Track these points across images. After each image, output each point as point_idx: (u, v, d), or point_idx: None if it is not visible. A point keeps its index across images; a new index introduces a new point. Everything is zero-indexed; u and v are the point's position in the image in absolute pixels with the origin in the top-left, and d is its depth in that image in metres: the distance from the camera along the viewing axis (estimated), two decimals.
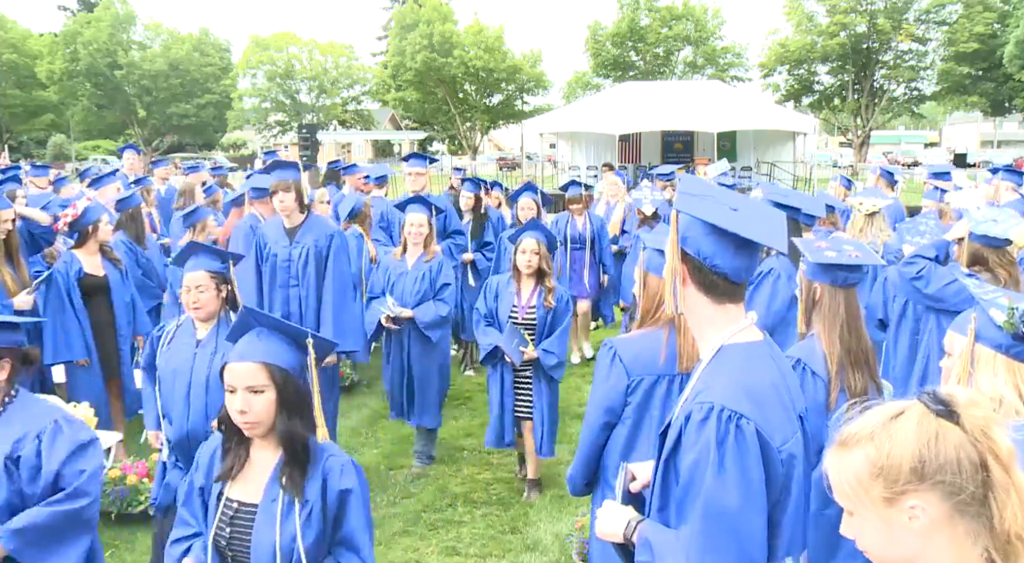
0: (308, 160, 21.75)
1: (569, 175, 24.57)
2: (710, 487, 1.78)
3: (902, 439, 1.28)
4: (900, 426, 1.29)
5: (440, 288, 5.80)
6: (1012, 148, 60.03)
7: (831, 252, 3.04)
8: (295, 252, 5.48)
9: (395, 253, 5.98)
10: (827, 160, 44.01)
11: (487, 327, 5.34)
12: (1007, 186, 7.43)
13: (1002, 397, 2.14)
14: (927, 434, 1.27)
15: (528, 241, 5.24)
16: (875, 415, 1.33)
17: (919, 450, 1.26)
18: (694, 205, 1.93)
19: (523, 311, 5.27)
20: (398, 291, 5.79)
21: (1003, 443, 1.27)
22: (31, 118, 52.92)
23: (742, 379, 1.88)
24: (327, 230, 5.61)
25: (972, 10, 38.74)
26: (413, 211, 5.86)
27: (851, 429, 1.34)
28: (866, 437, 1.31)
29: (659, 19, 44.81)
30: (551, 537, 4.94)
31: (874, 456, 1.29)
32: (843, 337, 3.00)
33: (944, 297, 4.22)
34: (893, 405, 1.34)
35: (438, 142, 58.25)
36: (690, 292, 1.96)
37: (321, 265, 5.47)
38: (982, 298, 2.21)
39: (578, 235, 8.47)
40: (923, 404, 1.30)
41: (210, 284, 3.76)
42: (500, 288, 5.37)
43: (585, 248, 8.48)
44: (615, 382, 3.06)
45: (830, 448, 1.37)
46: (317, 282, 5.47)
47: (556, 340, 5.25)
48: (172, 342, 3.88)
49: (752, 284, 4.56)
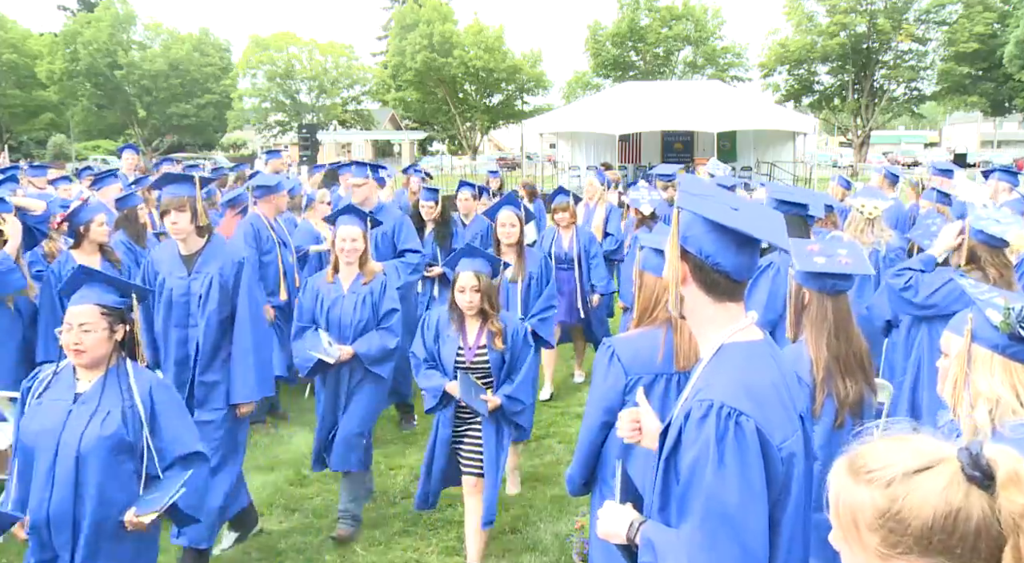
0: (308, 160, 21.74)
1: (569, 175, 24.58)
2: (710, 484, 1.78)
3: (921, 501, 1.13)
4: (924, 484, 1.14)
5: (385, 315, 4.92)
6: (1012, 148, 60.00)
7: (820, 258, 2.99)
8: (195, 284, 4.52)
9: (326, 274, 5.03)
10: (827, 160, 44.00)
11: (430, 370, 4.43)
12: (1004, 187, 7.45)
13: (999, 397, 2.14)
14: (951, 505, 1.11)
15: (465, 276, 4.28)
16: (902, 456, 1.17)
17: (935, 520, 1.12)
18: (696, 203, 1.94)
19: (471, 353, 4.35)
20: (333, 321, 4.90)
21: None
22: (31, 118, 52.95)
23: (742, 378, 1.88)
24: (234, 256, 4.64)
25: (972, 10, 38.77)
26: (344, 224, 4.95)
27: (871, 461, 1.19)
28: (882, 482, 1.16)
29: (659, 19, 44.84)
30: (551, 537, 4.94)
31: (883, 508, 1.15)
32: (831, 344, 2.98)
33: (934, 303, 4.24)
34: (926, 450, 1.17)
35: (438, 142, 58.26)
36: (691, 291, 1.96)
37: (227, 299, 4.53)
38: (978, 298, 2.21)
39: (564, 254, 7.41)
40: (960, 464, 1.14)
41: (99, 322, 3.04)
42: (440, 327, 4.42)
43: (573, 268, 7.43)
44: (613, 381, 3.07)
45: (842, 464, 1.24)
46: (221, 320, 4.52)
47: (520, 384, 4.39)
48: (44, 394, 3.10)
49: (751, 279, 4.55)
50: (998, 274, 4.04)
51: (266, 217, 6.65)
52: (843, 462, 1.24)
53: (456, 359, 4.34)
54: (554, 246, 7.44)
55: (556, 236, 7.51)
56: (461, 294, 4.26)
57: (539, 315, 5.71)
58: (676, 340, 3.03)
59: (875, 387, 3.06)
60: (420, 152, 58.42)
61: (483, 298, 4.27)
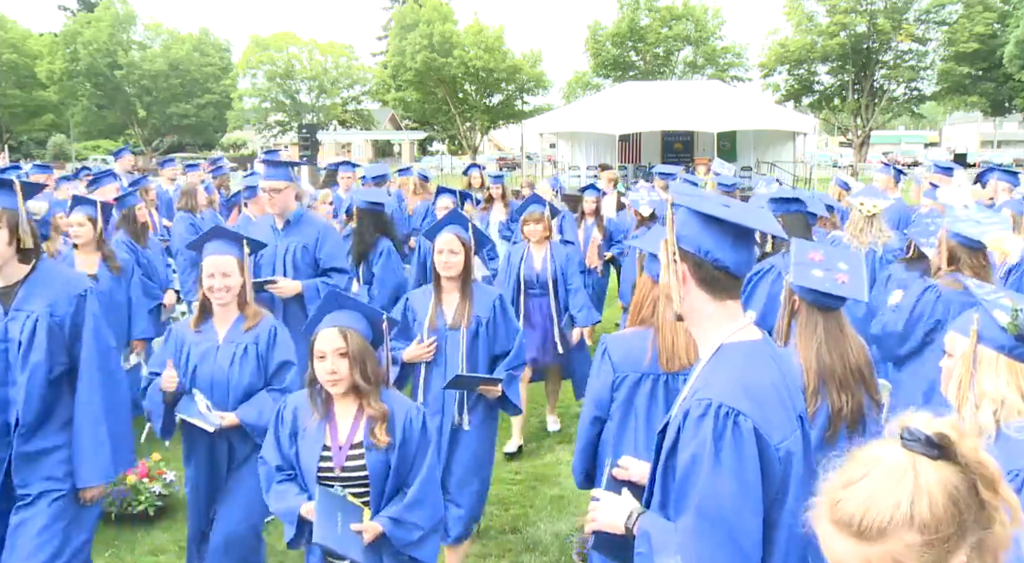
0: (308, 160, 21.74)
1: (569, 175, 24.55)
2: (705, 482, 1.79)
3: (930, 503, 1.18)
4: (921, 490, 1.19)
5: (276, 370, 3.75)
6: (1012, 148, 60.05)
7: (818, 271, 2.92)
8: (13, 327, 3.30)
9: (191, 320, 3.83)
10: (827, 160, 44.07)
11: (282, 484, 3.04)
12: (1003, 187, 7.46)
13: (1004, 398, 2.14)
14: (945, 483, 1.19)
15: (325, 336, 2.91)
16: (878, 485, 1.21)
17: (947, 504, 1.18)
18: (691, 200, 1.96)
19: (341, 456, 2.94)
20: (203, 380, 3.68)
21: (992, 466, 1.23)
22: (31, 118, 52.97)
23: (741, 377, 1.88)
24: (72, 287, 3.44)
25: (972, 10, 38.77)
26: (212, 254, 3.74)
27: (865, 513, 1.21)
28: (896, 523, 1.19)
29: (659, 19, 44.84)
30: (551, 537, 4.93)
31: (917, 540, 1.18)
32: (822, 358, 2.93)
33: (913, 328, 4.28)
34: (884, 463, 1.22)
35: (438, 142, 58.28)
36: (691, 290, 1.96)
37: (60, 347, 3.36)
38: (985, 299, 2.21)
39: (536, 276, 6.14)
40: (913, 452, 1.22)
41: None
42: (299, 417, 3.01)
43: (548, 293, 6.14)
44: (603, 377, 3.17)
45: (832, 529, 1.25)
46: (53, 377, 3.35)
47: (414, 501, 2.95)
48: None
49: (751, 282, 4.55)
50: (974, 275, 4.07)
51: (258, 217, 6.62)
52: (835, 525, 1.24)
53: (320, 466, 2.93)
54: (524, 266, 6.14)
55: (526, 254, 6.19)
56: (320, 362, 2.89)
57: (509, 375, 4.31)
58: (659, 340, 3.08)
59: (878, 399, 3.01)
60: (420, 152, 58.47)
61: (353, 367, 2.88)
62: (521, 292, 6.12)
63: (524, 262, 6.14)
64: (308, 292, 5.12)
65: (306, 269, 5.24)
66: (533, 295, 6.16)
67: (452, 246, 4.22)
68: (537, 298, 6.16)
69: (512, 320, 4.44)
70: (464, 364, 4.22)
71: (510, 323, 4.40)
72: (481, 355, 4.29)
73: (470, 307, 4.26)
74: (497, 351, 4.35)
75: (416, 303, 4.35)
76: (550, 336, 6.17)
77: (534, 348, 6.04)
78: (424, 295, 4.36)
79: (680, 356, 3.09)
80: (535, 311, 6.17)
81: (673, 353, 3.09)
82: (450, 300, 4.29)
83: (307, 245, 5.24)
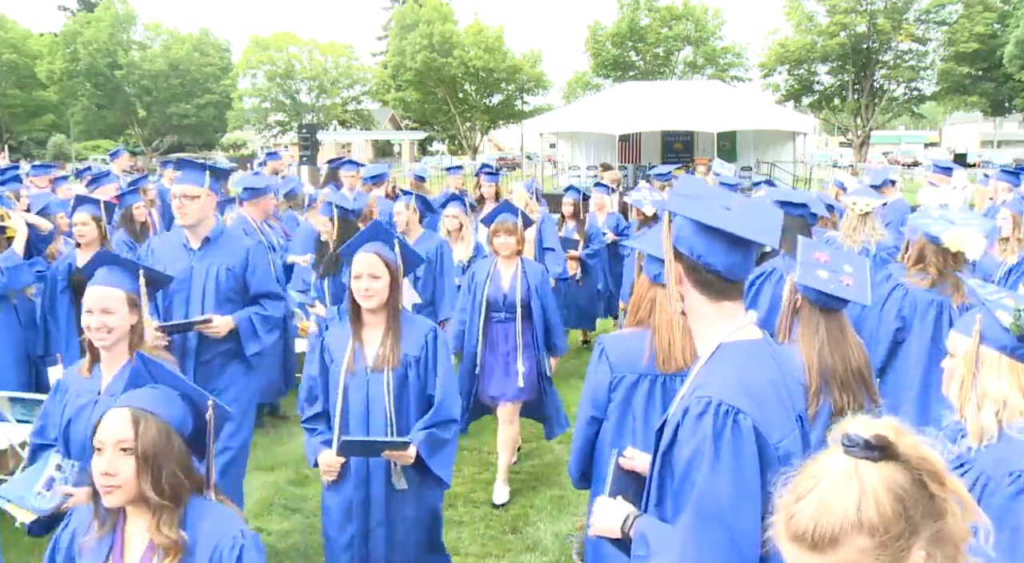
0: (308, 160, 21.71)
1: (569, 175, 24.53)
2: (704, 480, 1.79)
3: (876, 502, 1.21)
4: (866, 494, 1.21)
5: None
6: (1012, 148, 60.05)
7: (823, 272, 2.95)
8: None
9: (80, 367, 3.21)
10: (827, 160, 44.00)
11: None
12: (1004, 187, 7.47)
13: (1006, 398, 2.13)
14: (893, 484, 1.22)
15: (111, 421, 2.14)
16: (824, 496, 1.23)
17: (894, 504, 1.21)
18: (684, 205, 1.96)
19: None
20: (77, 439, 3.02)
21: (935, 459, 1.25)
22: (31, 118, 52.96)
23: (741, 376, 1.89)
24: None
25: (972, 10, 38.75)
26: (95, 283, 3.19)
27: (812, 525, 1.23)
28: (847, 528, 1.21)
29: (659, 19, 44.82)
30: (551, 537, 4.93)
31: (869, 543, 1.20)
32: (824, 359, 2.95)
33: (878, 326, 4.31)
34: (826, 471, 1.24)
35: (438, 142, 58.27)
36: (687, 291, 1.98)
37: None
38: (987, 299, 2.20)
39: (503, 297, 5.25)
40: (854, 457, 1.24)
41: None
42: (77, 536, 2.26)
43: (515, 317, 5.21)
44: (600, 378, 3.16)
45: (792, 546, 1.27)
46: None
47: None
48: None
49: (752, 285, 4.55)
50: (937, 273, 4.11)
51: (254, 220, 6.61)
52: (793, 542, 1.25)
53: None
54: (489, 285, 5.27)
55: (493, 271, 5.33)
56: (98, 455, 2.12)
57: (430, 434, 3.42)
58: (655, 341, 3.08)
59: (878, 401, 3.02)
60: (420, 152, 58.45)
61: (142, 471, 2.09)
62: (483, 315, 5.26)
63: (490, 280, 5.27)
64: (243, 328, 4.27)
65: (232, 298, 4.29)
66: (498, 320, 5.26)
67: (373, 269, 3.35)
68: (503, 324, 5.26)
69: (446, 361, 3.53)
70: (392, 413, 3.40)
71: (435, 361, 3.48)
72: (412, 402, 3.46)
73: (395, 347, 3.41)
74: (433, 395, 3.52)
75: (332, 342, 3.50)
76: (517, 365, 5.24)
77: (496, 384, 5.26)
78: (342, 332, 3.50)
79: (677, 357, 3.09)
80: (500, 339, 5.27)
81: (670, 354, 3.09)
82: (372, 336, 3.45)
83: (231, 267, 4.28)
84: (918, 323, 4.18)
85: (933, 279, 4.13)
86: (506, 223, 5.33)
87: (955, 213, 4.33)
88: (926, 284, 4.15)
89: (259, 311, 4.37)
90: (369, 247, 3.41)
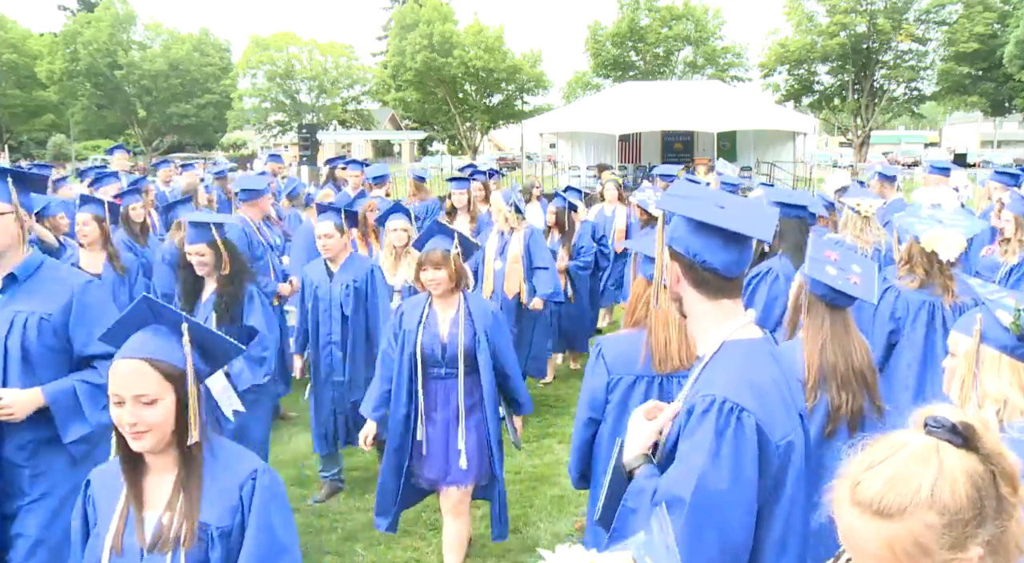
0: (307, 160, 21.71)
1: (569, 175, 24.52)
2: (702, 473, 1.80)
3: (952, 489, 1.21)
4: (943, 475, 1.22)
5: None
6: (1012, 148, 60.04)
7: (832, 269, 2.96)
8: None
9: None
10: (827, 160, 44.04)
11: None
12: (995, 186, 7.51)
13: (1006, 398, 2.14)
14: (970, 472, 1.23)
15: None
16: (904, 469, 1.24)
17: (969, 494, 1.21)
18: (678, 204, 1.98)
19: None
20: None
21: None
22: (31, 118, 52.95)
23: (744, 374, 1.90)
24: None
25: (972, 10, 38.75)
26: None
27: (887, 494, 1.23)
28: (917, 504, 1.21)
29: (659, 19, 44.80)
30: (551, 537, 4.93)
31: (938, 521, 1.21)
32: (826, 356, 2.95)
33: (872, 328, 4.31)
34: (910, 447, 1.25)
35: (438, 142, 58.25)
36: (685, 290, 1.99)
37: None
38: (988, 298, 2.20)
39: (440, 348, 4.07)
40: (936, 438, 1.25)
41: None
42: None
43: (456, 374, 4.07)
44: (597, 379, 3.18)
45: (855, 509, 1.27)
46: None
47: None
48: None
49: (750, 285, 4.56)
50: (924, 273, 4.13)
51: (253, 220, 6.62)
52: (856, 507, 1.26)
53: None
54: (422, 332, 4.06)
55: (429, 311, 4.13)
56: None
57: None
58: (652, 343, 3.09)
59: (880, 405, 3.01)
60: (420, 152, 58.45)
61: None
62: (421, 375, 4.07)
63: (422, 328, 4.08)
64: (57, 406, 2.99)
65: (47, 358, 3.02)
66: (436, 378, 4.11)
67: (142, 386, 2.08)
68: (442, 381, 4.11)
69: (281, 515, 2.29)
70: None
71: None
72: None
73: (193, 509, 2.23)
74: None
75: (99, 492, 2.31)
76: (458, 438, 4.07)
77: (434, 463, 4.14)
78: (112, 479, 2.28)
79: (673, 358, 3.10)
80: (440, 402, 4.12)
81: (666, 355, 3.10)
82: (155, 491, 2.22)
83: (47, 316, 3.01)
84: (910, 324, 4.19)
85: (921, 280, 4.14)
86: (433, 254, 4.03)
87: (946, 213, 4.34)
88: (915, 285, 4.17)
89: (87, 378, 3.07)
90: (136, 352, 2.08)
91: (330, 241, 5.20)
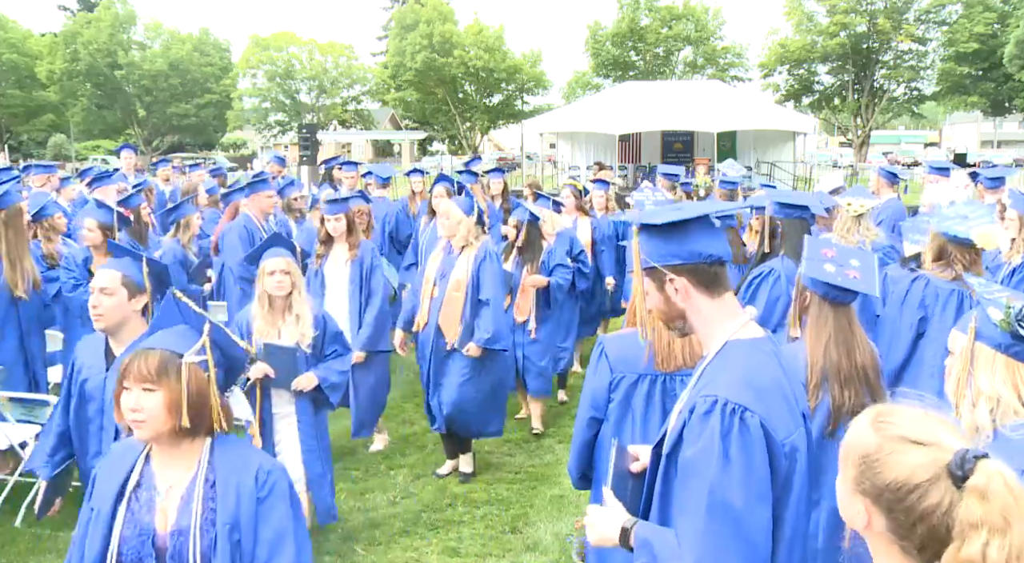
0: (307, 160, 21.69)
1: (569, 175, 24.52)
2: (715, 480, 1.79)
3: (896, 462, 1.30)
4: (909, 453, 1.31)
5: None
6: (1012, 148, 60.05)
7: (830, 266, 2.96)
8: None
9: None
10: (827, 160, 44.02)
11: None
12: (983, 188, 7.55)
13: (1000, 396, 2.14)
14: (913, 480, 1.28)
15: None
16: (917, 426, 1.33)
17: (893, 482, 1.29)
18: (653, 216, 2.05)
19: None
20: None
21: None
22: (31, 118, 52.90)
23: (747, 374, 1.90)
24: None
25: (972, 10, 38.73)
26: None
27: (893, 417, 1.36)
28: (885, 434, 1.34)
29: (659, 19, 44.78)
30: (551, 537, 4.94)
31: (870, 452, 1.34)
32: (829, 354, 2.95)
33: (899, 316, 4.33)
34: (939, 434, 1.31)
35: (438, 142, 58.23)
36: (692, 299, 2.00)
37: None
38: (983, 296, 2.21)
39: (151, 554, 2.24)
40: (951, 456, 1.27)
41: None
42: None
43: None
44: (600, 378, 3.17)
45: (871, 411, 1.41)
46: None
47: None
48: None
49: (751, 285, 4.57)
50: (963, 270, 4.14)
51: (257, 218, 6.63)
52: (873, 410, 1.40)
53: None
54: (123, 521, 2.41)
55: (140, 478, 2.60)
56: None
57: None
58: (655, 342, 3.09)
59: (881, 401, 3.01)
60: (420, 152, 58.44)
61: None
62: None
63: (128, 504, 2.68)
64: None
65: None
66: None
67: None
68: None
69: None
70: None
71: None
72: None
73: None
74: None
75: None
76: None
77: None
78: None
79: (676, 356, 3.10)
80: None
81: (669, 353, 3.10)
82: None
83: None
84: (939, 313, 4.20)
85: (957, 274, 4.15)
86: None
87: (964, 207, 4.38)
88: (948, 276, 4.20)
89: None
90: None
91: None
